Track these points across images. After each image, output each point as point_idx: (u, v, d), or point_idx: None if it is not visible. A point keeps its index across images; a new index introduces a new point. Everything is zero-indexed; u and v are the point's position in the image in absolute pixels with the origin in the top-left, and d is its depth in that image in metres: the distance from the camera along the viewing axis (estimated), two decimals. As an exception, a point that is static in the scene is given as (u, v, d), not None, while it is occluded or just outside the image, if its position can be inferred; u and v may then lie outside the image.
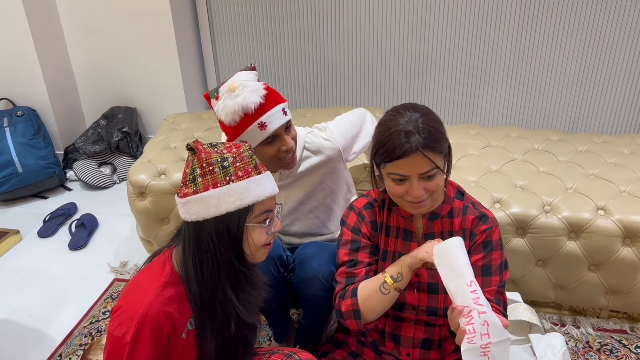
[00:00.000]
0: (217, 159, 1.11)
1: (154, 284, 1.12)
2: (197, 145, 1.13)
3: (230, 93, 1.44)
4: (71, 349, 1.96)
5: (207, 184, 1.10)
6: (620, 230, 1.81)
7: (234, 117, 1.44)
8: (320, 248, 1.59)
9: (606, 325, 1.98)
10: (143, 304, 1.08)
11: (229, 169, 1.11)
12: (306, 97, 3.41)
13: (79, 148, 3.18)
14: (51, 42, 3.15)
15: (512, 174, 2.08)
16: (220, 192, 1.10)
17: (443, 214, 1.36)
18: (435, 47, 3.09)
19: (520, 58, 3.01)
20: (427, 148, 1.21)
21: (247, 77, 1.48)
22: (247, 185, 1.11)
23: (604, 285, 1.90)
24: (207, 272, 1.13)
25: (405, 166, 1.22)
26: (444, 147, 1.26)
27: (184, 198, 1.12)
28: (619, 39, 2.85)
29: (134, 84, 3.33)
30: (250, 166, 1.14)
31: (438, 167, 1.23)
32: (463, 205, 1.38)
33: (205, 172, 1.10)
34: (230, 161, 1.11)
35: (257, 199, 1.12)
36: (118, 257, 2.49)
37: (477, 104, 3.19)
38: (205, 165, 1.11)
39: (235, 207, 1.10)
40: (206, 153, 1.11)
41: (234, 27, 3.27)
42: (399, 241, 1.39)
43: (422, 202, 1.27)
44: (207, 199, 1.10)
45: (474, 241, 1.35)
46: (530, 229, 1.89)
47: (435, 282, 1.37)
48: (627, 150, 2.25)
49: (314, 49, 3.24)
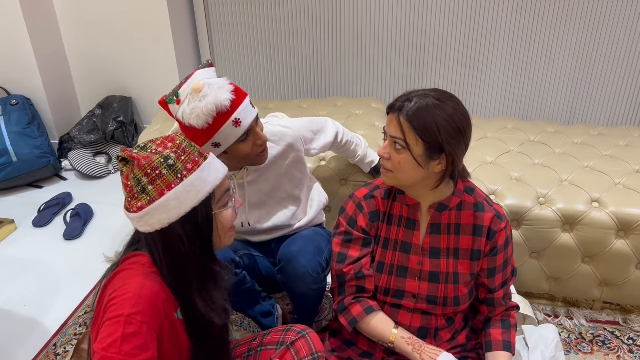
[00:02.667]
0: (159, 160, 1.04)
1: (141, 270, 1.08)
2: (129, 154, 1.05)
3: (195, 94, 1.37)
4: (65, 339, 1.96)
5: (160, 189, 1.04)
6: (614, 222, 1.82)
7: (207, 119, 1.38)
8: (303, 243, 1.59)
9: (599, 317, 2.00)
10: (135, 284, 1.03)
11: (176, 166, 1.05)
12: (302, 87, 3.40)
13: (73, 137, 3.17)
14: (45, 30, 3.12)
15: (507, 165, 2.08)
16: (178, 192, 1.04)
17: (451, 206, 1.36)
18: (431, 37, 3.07)
19: (517, 49, 3.00)
20: (408, 119, 1.22)
21: (207, 74, 1.43)
22: (200, 174, 1.07)
23: (597, 277, 1.91)
24: (180, 278, 1.09)
25: (388, 122, 1.28)
26: (429, 136, 1.22)
27: (140, 211, 1.05)
28: (617, 31, 2.84)
29: (130, 73, 3.31)
30: (195, 155, 1.09)
31: (407, 143, 1.23)
32: (475, 201, 1.38)
33: (153, 178, 1.04)
34: (173, 157, 1.05)
35: (214, 183, 1.09)
36: (113, 246, 2.48)
37: (473, 95, 3.18)
38: (149, 171, 1.04)
39: (197, 201, 1.06)
40: (145, 158, 1.04)
41: (230, 16, 3.25)
42: (401, 229, 1.39)
43: (386, 170, 1.31)
44: (167, 203, 1.04)
45: (494, 240, 1.37)
46: (525, 220, 1.89)
47: (437, 271, 1.37)
48: (622, 142, 2.25)
49: (310, 39, 3.22)
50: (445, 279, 1.37)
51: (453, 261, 1.37)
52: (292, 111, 2.66)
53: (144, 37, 3.16)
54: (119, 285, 1.05)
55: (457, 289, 1.37)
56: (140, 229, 1.09)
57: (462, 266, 1.38)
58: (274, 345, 1.34)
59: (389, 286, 1.39)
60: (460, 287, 1.37)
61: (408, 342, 1.34)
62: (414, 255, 1.38)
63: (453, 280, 1.37)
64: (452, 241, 1.37)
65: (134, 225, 1.10)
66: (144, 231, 1.08)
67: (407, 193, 1.38)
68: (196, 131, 1.41)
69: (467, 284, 1.39)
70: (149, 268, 1.09)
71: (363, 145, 1.99)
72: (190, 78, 1.42)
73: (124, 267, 1.10)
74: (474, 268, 1.39)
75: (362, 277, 1.39)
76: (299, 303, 1.67)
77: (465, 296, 1.39)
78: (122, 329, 0.98)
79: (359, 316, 1.39)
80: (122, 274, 1.08)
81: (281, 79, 3.39)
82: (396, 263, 1.39)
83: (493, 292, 1.42)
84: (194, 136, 1.42)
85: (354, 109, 2.64)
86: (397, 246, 1.39)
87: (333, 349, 1.50)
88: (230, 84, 1.43)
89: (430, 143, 1.22)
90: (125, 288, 1.03)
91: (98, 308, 1.08)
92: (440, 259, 1.37)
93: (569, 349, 1.85)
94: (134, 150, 1.08)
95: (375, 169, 2.05)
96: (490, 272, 1.40)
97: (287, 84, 3.41)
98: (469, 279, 1.39)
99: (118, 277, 1.08)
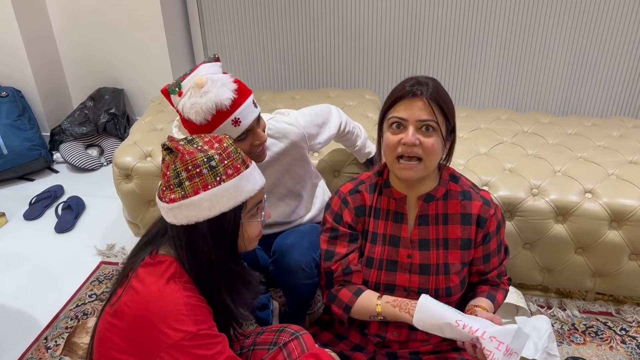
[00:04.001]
0: (202, 159, 1.04)
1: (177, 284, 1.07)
2: (175, 145, 1.06)
3: (197, 89, 1.35)
4: (57, 332, 1.95)
5: (196, 187, 1.04)
6: (608, 213, 1.81)
7: (206, 116, 1.35)
8: (299, 237, 1.57)
9: (592, 308, 2.00)
10: (180, 298, 1.04)
11: (217, 169, 1.05)
12: (295, 78, 3.37)
13: (65, 129, 3.14)
14: (36, 21, 3.08)
15: (500, 156, 2.07)
16: (213, 194, 1.04)
17: (438, 196, 1.36)
18: (425, 28, 3.05)
19: (511, 39, 2.99)
20: (433, 100, 1.22)
21: (212, 69, 1.40)
22: (238, 182, 1.07)
23: (591, 268, 1.91)
24: (204, 277, 1.09)
25: (406, 108, 1.23)
26: (449, 116, 1.26)
27: (172, 203, 1.05)
28: (611, 21, 2.83)
29: (121, 65, 3.28)
30: (238, 161, 1.08)
31: (438, 124, 1.23)
32: (461, 190, 1.37)
33: (193, 175, 1.04)
34: (217, 160, 1.05)
35: (250, 194, 1.09)
36: (105, 240, 2.47)
37: (467, 86, 3.16)
38: (191, 167, 1.04)
39: (229, 207, 1.06)
40: (189, 154, 1.04)
41: (222, 7, 3.21)
42: (389, 223, 1.38)
43: (411, 163, 1.25)
44: (199, 202, 1.04)
45: (485, 227, 1.36)
46: (518, 212, 1.88)
47: (427, 264, 1.37)
48: (616, 133, 2.24)
49: (303, 30, 3.19)
50: (436, 270, 1.37)
51: (443, 252, 1.37)
52: (285, 102, 2.64)
53: (136, 29, 3.12)
54: (160, 302, 1.04)
55: (448, 280, 1.37)
56: (167, 219, 1.09)
57: (453, 256, 1.37)
58: (267, 345, 1.34)
59: (379, 281, 1.38)
60: (451, 278, 1.37)
61: (394, 305, 1.31)
62: (404, 249, 1.37)
63: (444, 271, 1.37)
64: (440, 232, 1.37)
65: (162, 213, 1.11)
66: (170, 222, 1.08)
67: (394, 187, 1.37)
68: (194, 125, 1.39)
69: (458, 274, 1.38)
70: (180, 276, 1.09)
71: (363, 135, 1.97)
72: (194, 71, 1.39)
73: (154, 272, 1.08)
74: (465, 257, 1.38)
75: (349, 273, 1.39)
76: (291, 297, 1.66)
77: (457, 286, 1.38)
78: (203, 349, 1.02)
79: (350, 301, 1.37)
80: (156, 285, 1.06)
81: (274, 70, 3.37)
82: (386, 257, 1.38)
83: (486, 274, 1.42)
84: (192, 130, 1.41)
85: (348, 101, 2.63)
86: (386, 240, 1.38)
87: (325, 342, 1.50)
88: (235, 82, 1.40)
89: (450, 122, 1.26)
90: (169, 302, 1.03)
91: (121, 290, 1.10)
92: (430, 250, 1.37)
93: (562, 340, 1.86)
94: (181, 142, 1.07)
95: (370, 160, 2.04)
96: (485, 259, 1.40)
97: (280, 76, 3.38)
98: (460, 268, 1.38)
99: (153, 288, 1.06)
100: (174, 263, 1.09)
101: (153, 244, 1.14)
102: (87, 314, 2.03)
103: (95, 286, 2.16)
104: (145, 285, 1.06)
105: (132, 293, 1.06)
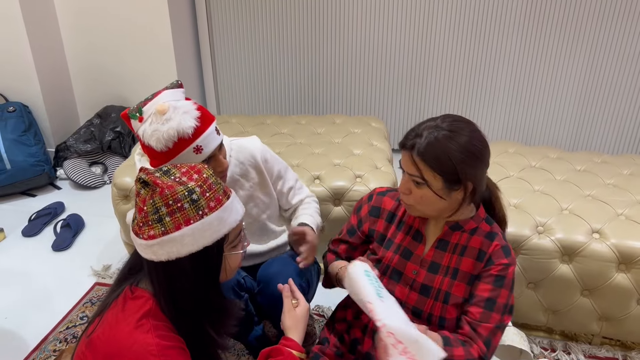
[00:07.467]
0: (183, 192, 0.99)
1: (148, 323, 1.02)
2: (152, 178, 1.00)
3: (159, 116, 1.31)
4: (44, 355, 1.90)
5: (178, 223, 0.99)
6: (615, 255, 1.75)
7: (167, 144, 1.31)
8: (282, 264, 1.55)
9: (598, 353, 1.92)
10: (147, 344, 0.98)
11: (199, 202, 1.00)
12: (301, 103, 3.36)
13: (70, 146, 3.13)
14: (46, 37, 3.11)
15: (506, 191, 2.02)
16: (195, 229, 0.99)
17: (466, 228, 1.33)
18: (435, 59, 3.04)
19: (522, 73, 2.96)
20: (421, 156, 1.21)
21: (174, 96, 1.37)
22: (221, 215, 1.02)
23: (597, 311, 1.83)
24: (183, 311, 1.05)
25: (403, 157, 1.27)
26: (444, 169, 1.20)
27: (152, 240, 1.00)
28: (622, 58, 2.80)
29: (130, 84, 3.29)
30: (220, 193, 1.04)
31: (425, 180, 1.22)
32: (491, 230, 1.34)
33: (174, 210, 0.98)
34: (198, 193, 1.00)
35: (232, 225, 1.05)
36: (101, 260, 2.43)
37: (476, 118, 3.13)
38: (171, 202, 0.98)
39: (212, 240, 1.02)
40: (169, 188, 0.99)
41: (232, 30, 3.23)
42: (407, 237, 1.39)
43: (407, 203, 1.30)
44: (181, 238, 0.99)
45: (488, 269, 1.30)
46: (522, 250, 1.83)
47: (430, 286, 1.34)
48: (626, 171, 2.18)
49: (312, 55, 3.19)
50: (436, 295, 1.33)
51: (449, 280, 1.33)
52: (290, 127, 2.62)
53: (146, 49, 3.14)
54: (131, 342, 0.99)
55: (445, 310, 1.32)
56: (144, 257, 1.04)
57: (457, 288, 1.32)
58: None
59: None
60: (448, 309, 1.32)
61: (339, 266, 1.43)
62: (412, 264, 1.36)
63: (443, 299, 1.33)
64: (454, 261, 1.33)
65: (139, 251, 1.05)
66: (148, 259, 1.03)
67: None
68: (155, 152, 1.35)
69: (457, 307, 1.33)
70: (155, 314, 1.04)
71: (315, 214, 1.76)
72: (156, 97, 1.36)
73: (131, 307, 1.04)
74: (468, 293, 1.33)
75: (336, 253, 1.55)
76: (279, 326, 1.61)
77: (452, 320, 1.33)
78: None
79: (329, 261, 1.54)
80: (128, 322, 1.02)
81: (281, 95, 3.36)
82: (393, 265, 1.39)
83: (462, 316, 1.32)
84: (152, 156, 1.37)
85: (353, 128, 2.60)
86: (400, 250, 1.39)
87: None
88: (198, 109, 1.37)
89: (448, 176, 1.21)
90: (139, 342, 0.99)
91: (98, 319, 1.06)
92: (437, 275, 1.34)
93: (565, 386, 1.78)
94: (157, 173, 1.02)
95: None
96: (470, 297, 1.31)
97: (287, 100, 3.37)
98: (460, 302, 1.33)
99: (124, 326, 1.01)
100: (150, 300, 1.05)
101: (135, 277, 1.11)
102: (76, 336, 1.98)
103: (87, 308, 2.12)
104: (118, 321, 1.02)
105: (106, 327, 1.02)
